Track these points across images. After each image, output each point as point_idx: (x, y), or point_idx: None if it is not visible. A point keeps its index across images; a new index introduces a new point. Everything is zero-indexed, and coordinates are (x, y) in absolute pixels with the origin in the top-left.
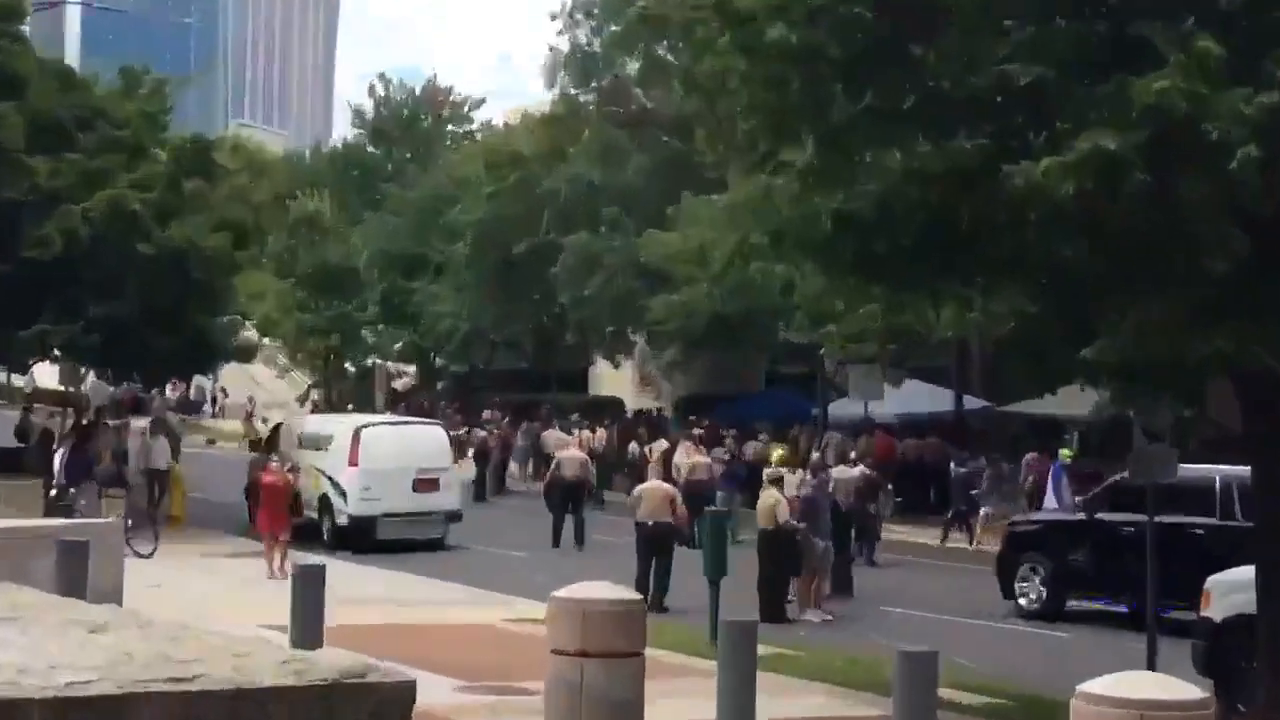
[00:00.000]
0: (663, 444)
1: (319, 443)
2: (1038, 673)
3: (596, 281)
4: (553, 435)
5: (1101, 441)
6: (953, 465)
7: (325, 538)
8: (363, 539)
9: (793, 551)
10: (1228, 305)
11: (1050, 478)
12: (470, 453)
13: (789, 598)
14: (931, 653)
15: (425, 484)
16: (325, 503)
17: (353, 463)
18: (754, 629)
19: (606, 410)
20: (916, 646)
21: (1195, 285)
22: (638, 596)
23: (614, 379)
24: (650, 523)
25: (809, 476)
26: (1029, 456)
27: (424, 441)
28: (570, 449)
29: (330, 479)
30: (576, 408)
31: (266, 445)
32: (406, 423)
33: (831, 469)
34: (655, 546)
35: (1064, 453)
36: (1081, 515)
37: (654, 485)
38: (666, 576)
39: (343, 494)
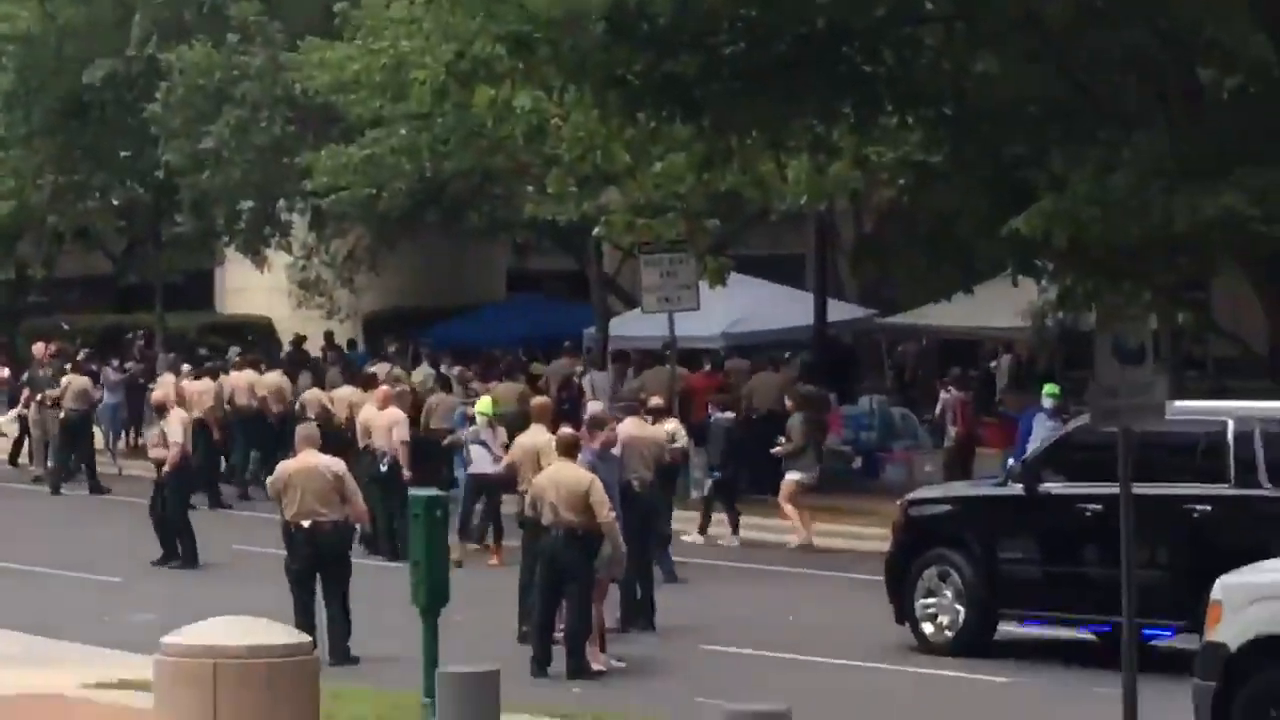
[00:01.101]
0: (349, 392)
1: None
2: None
3: (223, 126)
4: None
5: (1043, 368)
6: (711, 411)
7: None
8: None
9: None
10: (1242, 140)
11: (1023, 433)
12: (18, 412)
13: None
14: (780, 712)
15: None
16: None
17: None
18: (495, 684)
19: (247, 339)
20: (758, 704)
21: (1191, 110)
22: (304, 639)
23: (258, 289)
24: (306, 524)
25: (586, 439)
26: (949, 393)
27: None
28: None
29: None
30: (198, 335)
31: None
32: None
33: (619, 425)
34: (317, 561)
35: (1049, 390)
36: (1017, 487)
37: (306, 463)
38: (342, 608)
39: None
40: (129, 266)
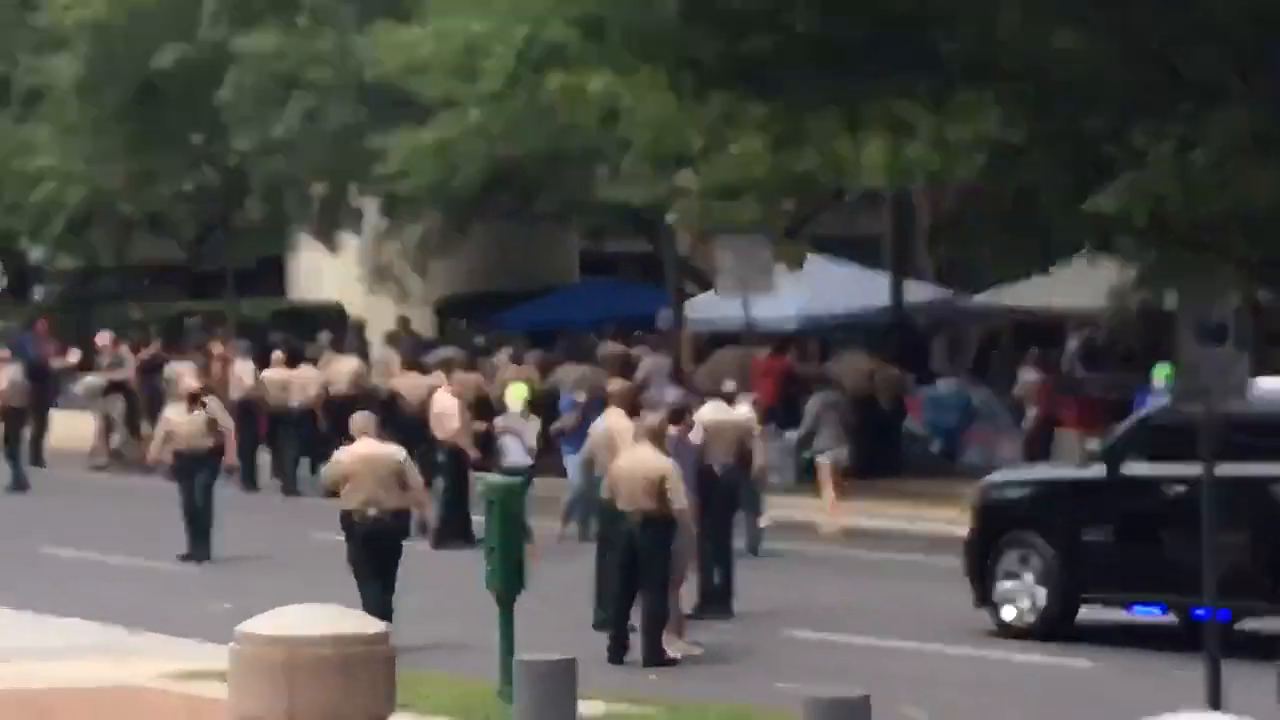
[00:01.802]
0: (419, 381)
1: None
2: None
3: (294, 112)
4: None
5: (1125, 349)
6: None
7: None
8: None
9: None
10: None
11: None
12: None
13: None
14: (861, 699)
15: None
16: None
17: None
18: (572, 672)
19: (320, 324)
20: (838, 691)
21: (1271, 85)
22: (381, 628)
23: (330, 275)
24: (372, 512)
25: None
26: (1028, 375)
27: None
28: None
29: None
30: (272, 321)
31: None
32: None
33: (700, 410)
34: (376, 548)
35: (1161, 372)
36: (1099, 469)
37: (370, 451)
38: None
39: None
40: (200, 253)
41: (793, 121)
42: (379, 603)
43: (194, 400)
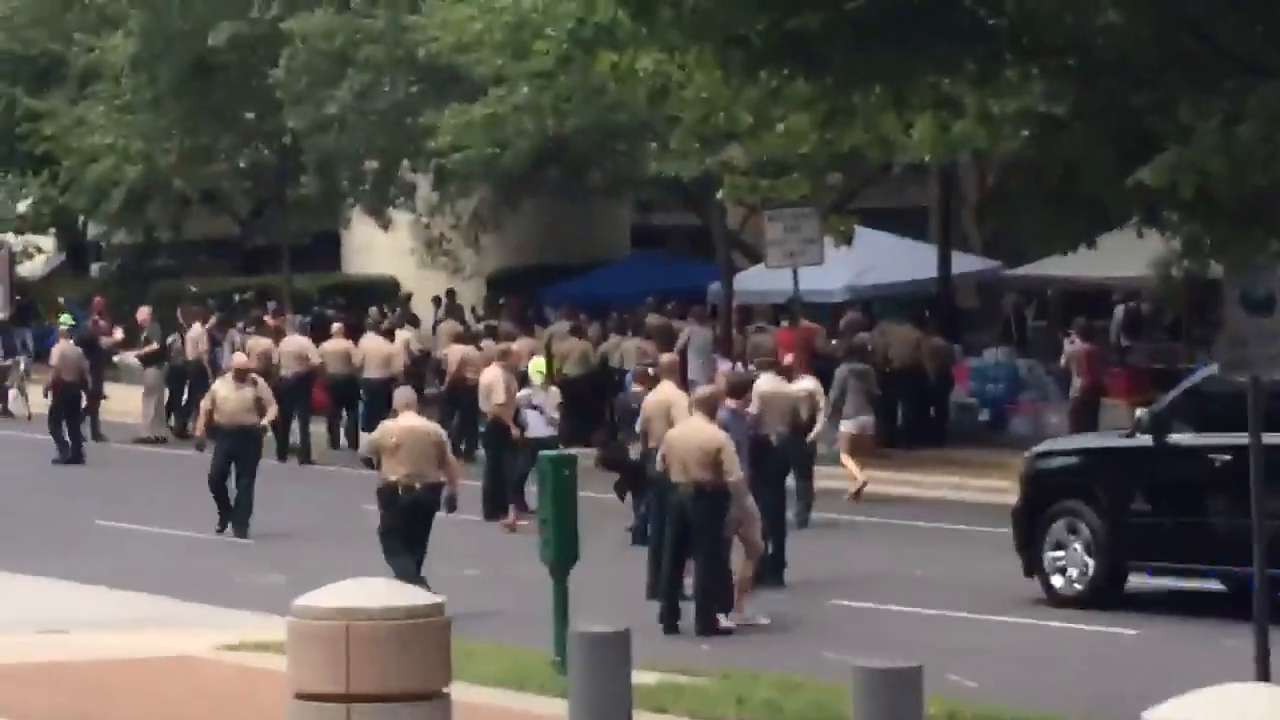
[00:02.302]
0: (459, 350)
1: None
2: (1083, 695)
3: (347, 89)
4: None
5: (1171, 319)
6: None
7: None
8: None
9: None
10: None
11: None
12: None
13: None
14: (911, 669)
15: None
16: None
17: None
18: (626, 643)
19: (374, 299)
20: (888, 660)
21: None
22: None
23: (383, 249)
24: (417, 485)
25: (725, 397)
26: (1073, 344)
27: None
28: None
29: None
30: (324, 296)
31: None
32: None
33: (756, 382)
34: (412, 519)
35: None
36: (1146, 439)
37: (412, 425)
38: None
39: None
40: (255, 229)
41: (840, 98)
42: (409, 573)
43: (242, 376)
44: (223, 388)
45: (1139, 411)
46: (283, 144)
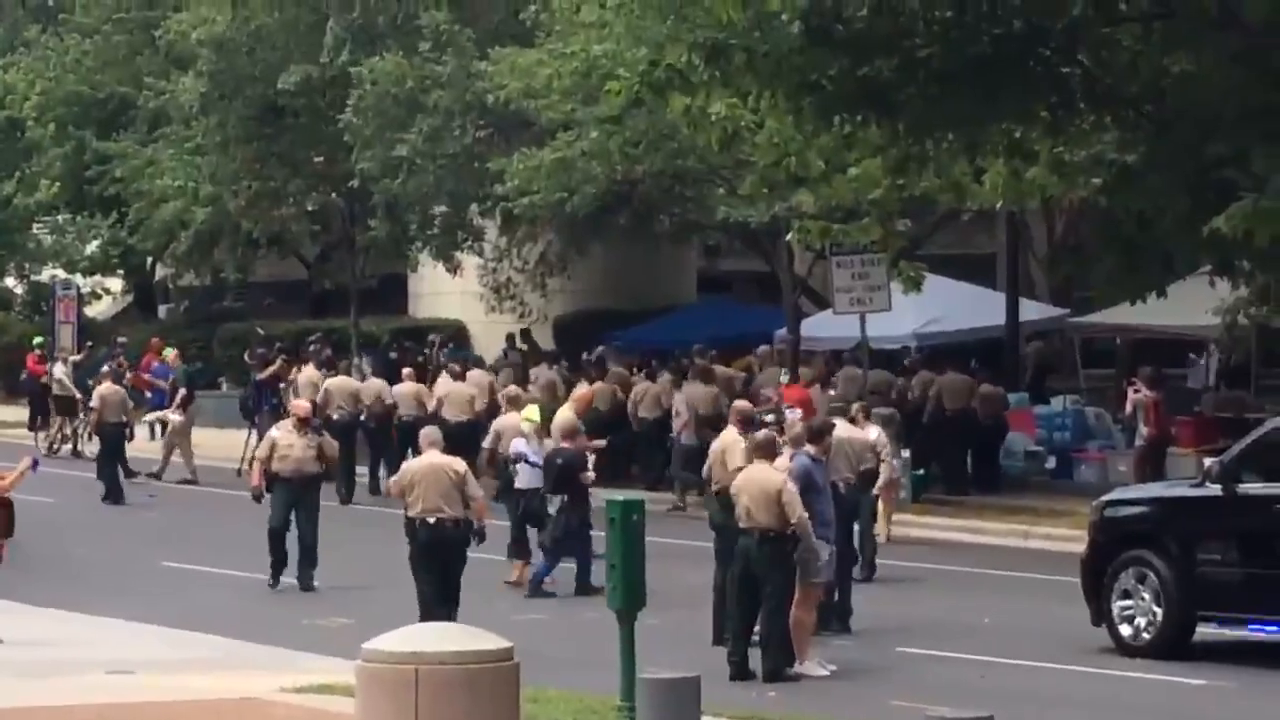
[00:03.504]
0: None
1: None
2: None
3: (416, 134)
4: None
5: (1244, 367)
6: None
7: None
8: None
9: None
10: None
11: None
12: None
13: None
14: (982, 718)
15: None
16: None
17: None
18: (695, 690)
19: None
20: (958, 710)
21: None
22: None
23: (450, 293)
24: (431, 520)
25: (803, 440)
26: (1138, 391)
27: None
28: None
29: None
30: (391, 339)
31: None
32: None
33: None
34: (437, 554)
35: None
36: (1215, 488)
37: (433, 462)
38: (454, 599)
39: None
40: (323, 272)
41: (912, 144)
42: (426, 604)
43: (304, 423)
44: (283, 436)
45: (1208, 461)
46: (350, 187)
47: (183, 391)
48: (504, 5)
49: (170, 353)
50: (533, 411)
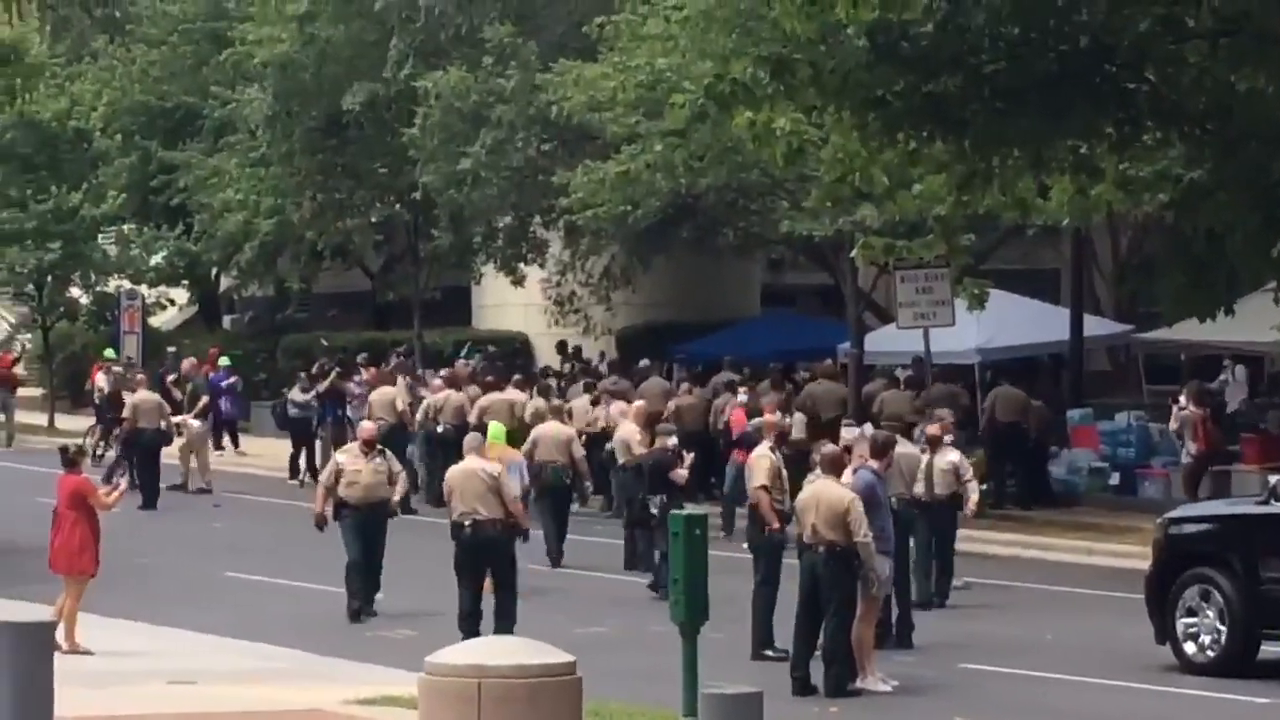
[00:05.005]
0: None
1: None
2: None
3: (480, 146)
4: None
5: None
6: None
7: None
8: None
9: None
10: None
11: None
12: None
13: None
14: None
15: None
16: None
17: None
18: (758, 705)
19: (504, 355)
20: None
21: None
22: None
23: (514, 305)
24: (468, 523)
25: (865, 457)
26: (1184, 407)
27: None
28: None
29: None
30: (454, 351)
31: None
32: None
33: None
34: (480, 557)
35: None
36: (1277, 504)
37: (469, 467)
38: (508, 600)
39: None
40: (387, 283)
41: (978, 161)
42: (464, 607)
43: (370, 446)
44: (350, 461)
45: (1272, 478)
46: (414, 199)
47: (204, 400)
48: (568, 18)
49: (188, 362)
50: (498, 431)
